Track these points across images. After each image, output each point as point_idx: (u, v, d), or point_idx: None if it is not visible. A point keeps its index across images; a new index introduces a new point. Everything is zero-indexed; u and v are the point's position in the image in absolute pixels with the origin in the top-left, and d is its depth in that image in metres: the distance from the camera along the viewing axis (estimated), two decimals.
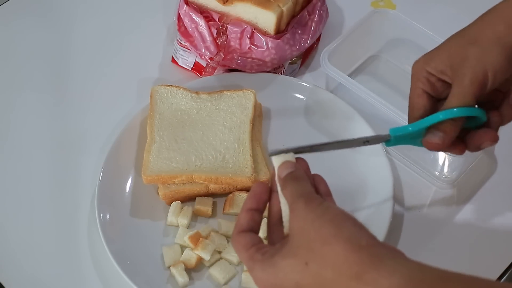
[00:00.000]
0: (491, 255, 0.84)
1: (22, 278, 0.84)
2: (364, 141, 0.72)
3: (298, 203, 0.60)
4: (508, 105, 0.71)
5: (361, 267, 0.54)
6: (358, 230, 0.57)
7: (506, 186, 0.90)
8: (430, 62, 0.70)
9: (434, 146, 0.70)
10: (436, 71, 0.70)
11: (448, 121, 0.69)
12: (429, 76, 0.71)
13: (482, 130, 0.71)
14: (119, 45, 1.06)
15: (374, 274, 0.54)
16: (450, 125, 0.69)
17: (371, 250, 0.55)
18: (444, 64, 0.69)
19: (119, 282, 0.80)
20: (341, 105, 0.93)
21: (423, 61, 0.71)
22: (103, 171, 0.87)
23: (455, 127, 0.69)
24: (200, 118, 0.91)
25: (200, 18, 0.95)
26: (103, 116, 0.97)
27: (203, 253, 0.80)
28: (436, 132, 0.70)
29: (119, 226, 0.84)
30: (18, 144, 0.96)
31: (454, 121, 0.69)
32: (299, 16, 0.97)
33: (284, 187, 0.63)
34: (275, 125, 0.95)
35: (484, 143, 0.71)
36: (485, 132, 0.71)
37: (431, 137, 0.70)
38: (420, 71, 0.71)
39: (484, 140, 0.71)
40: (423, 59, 0.72)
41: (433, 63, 0.70)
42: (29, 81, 1.03)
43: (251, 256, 0.60)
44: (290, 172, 0.64)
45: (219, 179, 0.84)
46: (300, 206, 0.60)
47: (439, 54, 0.71)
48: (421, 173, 0.90)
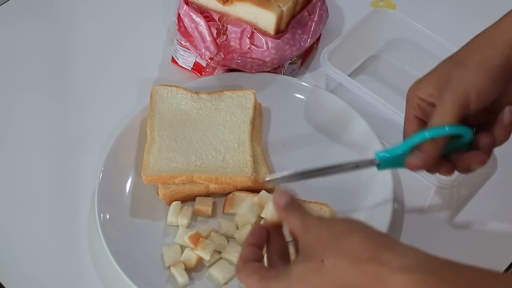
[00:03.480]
0: (491, 255, 0.84)
1: (22, 278, 0.84)
2: (354, 166, 0.74)
3: (311, 220, 0.61)
4: (501, 126, 0.72)
5: (377, 249, 0.56)
6: (370, 226, 0.59)
7: (506, 186, 0.90)
8: (420, 87, 0.72)
9: (414, 167, 0.72)
10: (425, 95, 0.71)
11: (429, 142, 0.70)
12: (419, 101, 0.72)
13: (471, 152, 0.72)
14: (119, 45, 1.06)
15: (388, 256, 0.55)
16: (431, 145, 0.70)
17: (384, 238, 0.58)
18: (432, 87, 0.71)
19: (119, 282, 0.80)
20: (341, 105, 0.93)
21: (415, 87, 0.73)
22: (103, 171, 0.87)
23: (436, 147, 0.70)
24: (200, 118, 0.91)
25: (200, 18, 0.95)
26: (103, 116, 0.97)
27: (203, 253, 0.80)
28: (417, 152, 0.71)
29: (119, 226, 0.84)
30: (18, 144, 0.96)
31: (435, 141, 0.70)
32: (299, 16, 0.97)
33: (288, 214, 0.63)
34: (275, 125, 0.95)
35: (472, 165, 0.72)
36: (473, 154, 0.72)
37: (411, 158, 0.72)
38: (412, 97, 0.73)
39: (473, 163, 0.72)
40: (415, 85, 0.73)
41: (423, 88, 0.72)
42: (29, 81, 1.03)
43: (262, 277, 0.61)
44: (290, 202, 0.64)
45: (219, 179, 0.84)
46: (313, 222, 0.61)
47: (429, 78, 0.72)
48: (421, 173, 0.90)
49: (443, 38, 0.93)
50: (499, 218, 0.87)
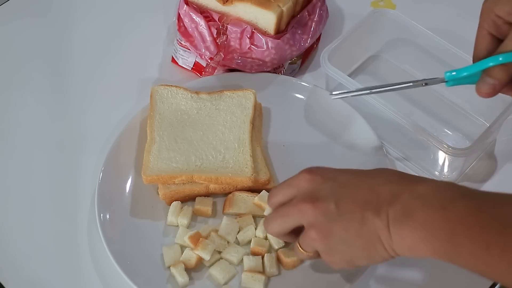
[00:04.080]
0: None
1: (22, 278, 0.84)
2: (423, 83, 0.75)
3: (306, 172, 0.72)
4: None
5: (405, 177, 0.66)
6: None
7: (506, 186, 0.90)
8: (498, 3, 0.69)
9: (486, 95, 0.70)
10: (503, 13, 0.68)
11: (499, 66, 0.67)
12: (496, 18, 0.69)
13: None
14: (119, 45, 1.06)
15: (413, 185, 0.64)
16: (501, 70, 0.68)
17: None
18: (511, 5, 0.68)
19: (119, 282, 0.80)
20: (341, 105, 0.93)
21: (492, 1, 0.70)
22: (103, 171, 0.87)
23: (507, 72, 0.68)
24: (200, 118, 0.91)
25: (200, 18, 0.95)
26: (103, 116, 0.97)
27: (203, 253, 0.80)
28: (486, 78, 0.69)
29: (119, 226, 0.84)
30: (18, 144, 0.96)
31: (506, 66, 0.67)
32: (299, 16, 0.97)
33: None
34: (275, 125, 0.95)
35: None
36: None
37: (482, 85, 0.69)
38: (487, 12, 0.70)
39: None
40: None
41: (501, 4, 0.69)
42: (29, 81, 1.02)
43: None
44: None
45: (219, 179, 0.84)
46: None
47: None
48: (421, 173, 0.90)
49: (443, 38, 0.93)
50: None
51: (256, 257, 0.81)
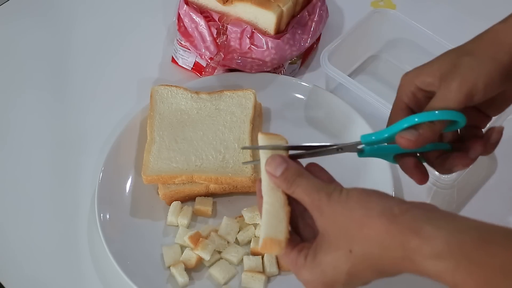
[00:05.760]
0: None
1: (22, 278, 0.84)
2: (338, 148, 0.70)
3: (320, 199, 0.61)
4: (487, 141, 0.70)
5: (403, 236, 0.57)
6: (385, 201, 0.60)
7: (506, 186, 0.90)
8: (419, 75, 0.68)
9: (406, 142, 0.66)
10: (424, 84, 0.68)
11: (427, 123, 0.66)
12: (416, 90, 0.69)
13: (457, 153, 0.70)
14: (119, 45, 1.06)
15: (416, 242, 0.56)
16: (428, 126, 0.66)
17: (407, 217, 0.58)
18: (433, 76, 0.67)
19: (119, 282, 0.80)
20: (341, 105, 0.93)
21: (413, 74, 0.69)
22: (103, 171, 0.87)
23: (433, 129, 0.66)
24: (200, 118, 0.91)
25: (200, 18, 0.95)
26: (103, 116, 0.97)
27: (203, 253, 0.80)
28: (412, 130, 0.66)
29: (119, 226, 0.84)
30: (18, 143, 0.96)
31: (433, 124, 0.66)
32: (299, 16, 0.97)
33: (291, 186, 0.63)
34: (275, 125, 0.95)
35: (456, 167, 0.70)
36: (460, 156, 0.70)
37: (405, 132, 0.66)
38: (408, 84, 0.69)
39: (457, 164, 0.70)
40: (413, 72, 0.69)
41: (422, 76, 0.68)
42: (29, 81, 1.03)
43: (293, 261, 0.62)
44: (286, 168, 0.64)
45: (219, 179, 0.84)
46: (323, 203, 0.61)
47: (430, 67, 0.69)
48: None
49: (443, 38, 0.93)
50: (499, 218, 0.87)
51: (256, 257, 0.81)
